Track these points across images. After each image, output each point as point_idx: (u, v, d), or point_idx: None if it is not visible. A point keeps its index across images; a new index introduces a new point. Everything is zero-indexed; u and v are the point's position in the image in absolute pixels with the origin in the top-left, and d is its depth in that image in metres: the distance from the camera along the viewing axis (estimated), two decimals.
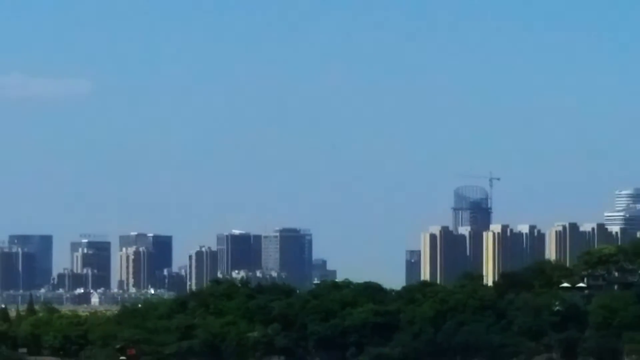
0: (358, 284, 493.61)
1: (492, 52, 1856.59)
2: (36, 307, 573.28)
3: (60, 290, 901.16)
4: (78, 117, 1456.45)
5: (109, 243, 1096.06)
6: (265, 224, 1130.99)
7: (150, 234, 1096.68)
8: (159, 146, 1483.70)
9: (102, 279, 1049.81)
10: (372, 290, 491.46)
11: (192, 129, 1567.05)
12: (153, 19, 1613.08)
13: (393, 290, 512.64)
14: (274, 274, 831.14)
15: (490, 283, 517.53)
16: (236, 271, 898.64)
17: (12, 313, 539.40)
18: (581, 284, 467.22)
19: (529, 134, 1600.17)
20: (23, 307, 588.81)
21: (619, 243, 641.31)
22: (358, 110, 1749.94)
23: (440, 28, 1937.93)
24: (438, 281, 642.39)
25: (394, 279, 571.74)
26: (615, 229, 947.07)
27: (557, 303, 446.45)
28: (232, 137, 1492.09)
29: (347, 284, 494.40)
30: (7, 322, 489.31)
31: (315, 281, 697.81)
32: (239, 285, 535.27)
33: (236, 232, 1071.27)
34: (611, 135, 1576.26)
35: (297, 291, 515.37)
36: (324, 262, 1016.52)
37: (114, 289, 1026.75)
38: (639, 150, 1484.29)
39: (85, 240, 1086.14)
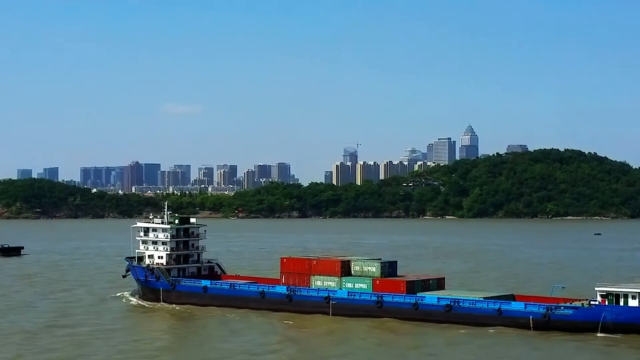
0: (325, 184, 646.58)
1: None
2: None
3: (195, 186, 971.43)
4: (197, 124, 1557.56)
5: (212, 167, 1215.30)
6: (270, 158, 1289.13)
7: (228, 164, 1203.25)
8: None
9: (210, 182, 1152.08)
10: (329, 186, 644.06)
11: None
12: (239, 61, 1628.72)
13: (336, 186, 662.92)
14: (276, 180, 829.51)
15: None
16: (262, 179, 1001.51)
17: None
18: (410, 184, 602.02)
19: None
20: (188, 192, 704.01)
21: (407, 172, 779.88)
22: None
23: None
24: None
25: None
26: (405, 163, 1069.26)
27: (401, 192, 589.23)
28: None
29: (321, 183, 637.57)
30: (191, 197, 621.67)
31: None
32: (278, 183, 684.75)
33: (261, 163, 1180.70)
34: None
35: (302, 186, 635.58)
36: (293, 175, 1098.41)
37: (215, 185, 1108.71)
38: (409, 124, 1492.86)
39: (204, 166, 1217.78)
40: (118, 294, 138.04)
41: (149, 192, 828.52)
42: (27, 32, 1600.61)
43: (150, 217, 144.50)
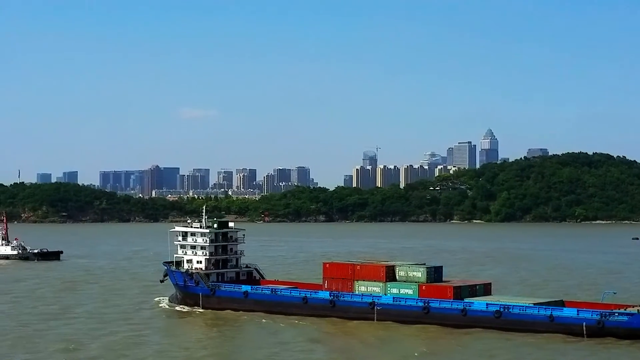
0: (351, 188, 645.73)
1: None
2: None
3: (215, 190, 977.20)
4: (214, 129, 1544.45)
5: (231, 172, 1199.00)
6: (289, 162, 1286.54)
7: (247, 167, 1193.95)
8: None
9: (229, 185, 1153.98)
10: (356, 190, 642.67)
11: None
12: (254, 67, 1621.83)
13: (363, 190, 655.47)
14: (296, 183, 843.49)
15: None
16: (282, 183, 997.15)
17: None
18: (437, 188, 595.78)
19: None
20: (214, 196, 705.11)
21: (427, 175, 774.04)
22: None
23: None
24: None
25: None
26: (425, 167, 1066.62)
27: (428, 196, 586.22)
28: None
29: (347, 187, 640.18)
30: (216, 201, 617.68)
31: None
32: (304, 187, 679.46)
33: (280, 167, 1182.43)
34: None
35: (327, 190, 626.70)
36: (313, 178, 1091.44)
37: (234, 189, 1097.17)
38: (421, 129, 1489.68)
39: (223, 170, 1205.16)
40: (156, 299, 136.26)
41: (170, 195, 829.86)
42: (42, 37, 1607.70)
43: (189, 221, 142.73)
